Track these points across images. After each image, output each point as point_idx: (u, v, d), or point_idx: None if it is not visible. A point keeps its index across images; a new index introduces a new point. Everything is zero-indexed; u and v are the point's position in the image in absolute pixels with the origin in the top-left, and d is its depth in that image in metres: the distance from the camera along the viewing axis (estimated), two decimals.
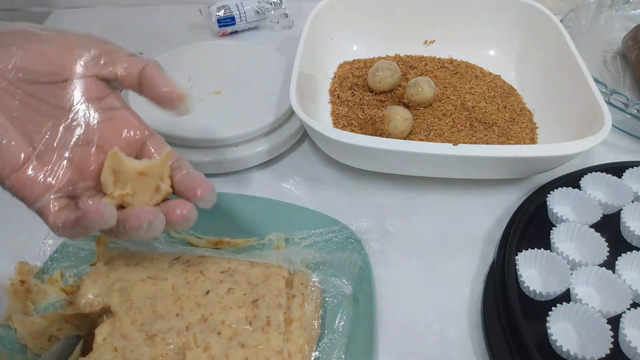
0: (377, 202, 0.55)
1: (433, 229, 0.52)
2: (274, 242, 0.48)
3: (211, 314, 0.41)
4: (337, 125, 0.61)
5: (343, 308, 0.43)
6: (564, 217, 0.47)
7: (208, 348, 0.39)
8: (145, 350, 0.39)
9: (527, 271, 0.44)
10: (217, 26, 0.80)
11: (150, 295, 0.42)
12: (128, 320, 0.41)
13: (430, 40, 0.73)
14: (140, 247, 0.48)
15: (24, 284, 0.44)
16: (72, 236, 0.34)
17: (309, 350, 0.40)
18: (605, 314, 0.40)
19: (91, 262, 0.47)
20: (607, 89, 0.60)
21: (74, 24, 0.87)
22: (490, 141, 0.58)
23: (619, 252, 0.44)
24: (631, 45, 0.70)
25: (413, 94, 0.60)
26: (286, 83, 0.59)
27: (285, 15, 0.82)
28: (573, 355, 0.37)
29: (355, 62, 0.71)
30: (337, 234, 0.48)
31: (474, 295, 0.47)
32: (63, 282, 0.46)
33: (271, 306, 0.41)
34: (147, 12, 0.89)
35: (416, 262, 0.49)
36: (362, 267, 0.45)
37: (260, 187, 0.57)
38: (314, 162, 0.60)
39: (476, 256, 0.50)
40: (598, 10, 0.78)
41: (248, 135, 0.57)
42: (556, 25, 0.64)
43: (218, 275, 0.43)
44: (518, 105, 0.64)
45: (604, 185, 0.51)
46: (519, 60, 0.69)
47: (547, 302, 0.42)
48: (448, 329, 0.44)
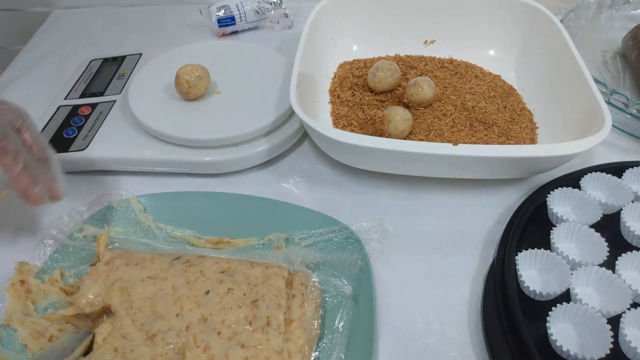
0: (377, 202, 0.55)
1: (433, 228, 0.52)
2: (273, 242, 0.48)
3: (211, 314, 0.41)
4: (337, 125, 0.61)
5: (343, 308, 0.43)
6: (564, 217, 0.47)
7: (208, 348, 0.39)
8: (145, 350, 0.39)
9: (527, 271, 0.44)
10: (217, 26, 0.80)
11: (150, 295, 0.42)
12: (128, 320, 0.41)
13: (430, 40, 0.73)
14: (140, 247, 0.48)
15: (23, 284, 0.44)
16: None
17: (308, 351, 0.40)
18: (605, 314, 0.40)
19: (91, 262, 0.47)
20: (607, 89, 0.59)
21: (74, 24, 0.87)
22: (490, 141, 0.58)
23: (619, 252, 0.44)
24: (631, 45, 0.70)
25: (413, 94, 0.60)
26: (286, 83, 0.59)
27: (285, 15, 0.82)
28: (573, 355, 0.37)
29: (355, 62, 0.71)
30: (337, 234, 0.48)
31: (474, 295, 0.47)
32: (63, 282, 0.46)
33: (271, 306, 0.41)
34: (147, 12, 0.89)
35: (416, 262, 0.49)
36: (362, 267, 0.45)
37: (260, 187, 0.57)
38: (314, 162, 0.60)
39: (476, 256, 0.50)
40: (598, 10, 0.78)
41: (248, 135, 0.57)
42: (556, 25, 0.64)
43: (218, 275, 0.43)
44: (518, 105, 0.64)
45: (604, 185, 0.51)
46: (519, 60, 0.69)
47: (547, 302, 0.42)
48: (448, 329, 0.44)
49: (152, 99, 0.61)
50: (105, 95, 0.65)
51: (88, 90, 0.66)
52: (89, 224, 0.50)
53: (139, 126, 0.59)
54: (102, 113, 0.62)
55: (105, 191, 0.53)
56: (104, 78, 0.68)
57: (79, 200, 0.53)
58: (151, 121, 0.57)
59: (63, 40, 0.83)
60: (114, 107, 0.62)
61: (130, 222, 0.51)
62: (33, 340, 0.41)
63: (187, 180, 0.58)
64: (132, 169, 0.58)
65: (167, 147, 0.57)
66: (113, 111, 0.62)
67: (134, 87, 0.62)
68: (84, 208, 0.52)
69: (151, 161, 0.57)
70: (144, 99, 0.60)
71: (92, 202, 0.52)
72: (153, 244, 0.48)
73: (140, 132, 0.59)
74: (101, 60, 0.72)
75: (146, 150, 0.57)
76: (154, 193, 0.53)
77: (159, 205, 0.52)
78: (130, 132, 0.59)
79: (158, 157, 0.57)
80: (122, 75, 0.68)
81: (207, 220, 0.51)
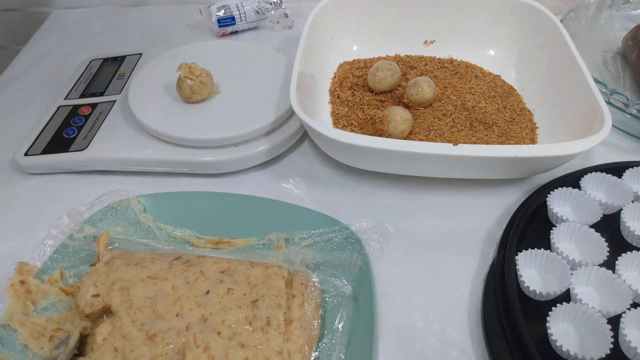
0: (377, 202, 0.55)
1: (433, 228, 0.52)
2: (273, 242, 0.48)
3: (211, 314, 0.41)
4: (337, 125, 0.61)
5: (343, 308, 0.43)
6: (564, 217, 0.47)
7: (208, 348, 0.39)
8: (145, 350, 0.39)
9: (527, 271, 0.44)
10: (217, 26, 0.80)
11: (150, 295, 0.42)
12: (128, 320, 0.41)
13: (430, 40, 0.73)
14: (140, 248, 0.48)
15: (23, 284, 0.44)
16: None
17: (308, 351, 0.40)
18: (605, 314, 0.40)
19: (91, 262, 0.47)
20: (607, 89, 0.59)
21: (74, 24, 0.87)
22: (490, 141, 0.58)
23: (619, 252, 0.44)
24: (631, 45, 0.70)
25: (413, 94, 0.60)
26: (286, 83, 0.59)
27: (285, 15, 0.82)
28: (573, 355, 0.37)
29: (355, 62, 0.71)
30: (337, 234, 0.48)
31: (474, 295, 0.47)
32: (63, 282, 0.46)
33: (271, 306, 0.41)
34: (147, 12, 0.89)
35: (416, 262, 0.49)
36: (362, 267, 0.45)
37: (260, 187, 0.57)
38: (314, 162, 0.60)
39: (476, 256, 0.50)
40: (598, 10, 0.78)
41: (248, 135, 0.57)
42: (556, 25, 0.64)
43: (218, 275, 0.43)
44: (518, 105, 0.64)
45: (604, 185, 0.51)
46: (519, 60, 0.69)
47: (547, 302, 0.42)
48: (448, 329, 0.44)
49: (152, 99, 0.61)
50: (105, 95, 0.65)
51: (88, 90, 0.66)
52: (88, 224, 0.50)
53: (139, 126, 0.59)
54: (102, 113, 0.62)
55: (105, 191, 0.53)
56: (104, 78, 0.68)
57: (79, 200, 0.53)
58: (151, 121, 0.57)
59: (63, 40, 0.83)
60: (114, 107, 0.62)
61: (130, 222, 0.51)
62: (34, 340, 0.41)
63: (187, 180, 0.58)
64: (132, 169, 0.58)
65: (167, 147, 0.57)
66: (113, 111, 0.62)
67: (134, 87, 0.62)
68: (84, 208, 0.52)
69: (151, 161, 0.57)
70: (144, 99, 0.60)
71: (92, 202, 0.52)
72: (153, 244, 0.48)
73: (140, 132, 0.58)
74: (101, 60, 0.72)
75: (146, 150, 0.57)
76: (153, 193, 0.53)
77: (159, 206, 0.52)
78: (130, 132, 0.59)
79: (158, 157, 0.56)
80: (122, 75, 0.68)
81: (207, 220, 0.51)
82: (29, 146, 0.58)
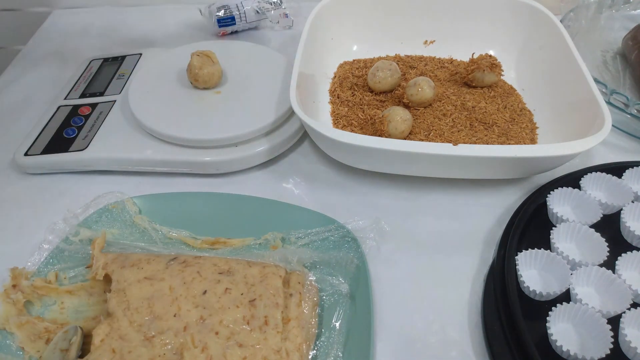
0: (377, 202, 0.55)
1: (433, 228, 0.52)
2: (270, 242, 0.48)
3: (209, 314, 0.41)
4: (337, 125, 0.61)
5: (340, 306, 0.43)
6: (564, 217, 0.47)
7: (206, 348, 0.39)
8: (143, 351, 0.39)
9: (527, 271, 0.44)
10: (217, 26, 0.80)
11: (147, 296, 0.42)
12: (126, 321, 0.40)
13: (430, 40, 0.73)
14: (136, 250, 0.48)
15: (15, 287, 0.44)
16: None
17: (306, 349, 0.40)
18: (605, 314, 0.40)
19: (86, 264, 0.47)
20: (607, 89, 0.59)
21: (74, 24, 0.87)
22: (490, 141, 0.58)
23: (619, 252, 0.44)
24: (631, 45, 0.70)
25: (413, 94, 0.60)
26: (286, 83, 0.59)
27: (285, 15, 0.82)
28: (573, 355, 0.37)
29: (355, 62, 0.71)
30: (333, 232, 0.48)
31: (474, 295, 0.46)
32: (57, 284, 0.45)
33: (268, 305, 0.41)
34: (147, 12, 0.89)
35: (417, 262, 0.49)
36: (359, 265, 0.45)
37: (260, 187, 0.57)
38: (314, 162, 0.60)
39: (476, 256, 0.50)
40: (598, 10, 0.78)
41: (248, 135, 0.56)
42: (556, 25, 0.64)
43: (215, 275, 0.43)
44: (518, 105, 0.63)
45: (604, 185, 0.51)
46: (519, 60, 0.69)
47: (547, 302, 0.42)
48: (448, 329, 0.44)
49: (152, 99, 0.61)
50: (105, 95, 0.65)
51: (88, 90, 0.66)
52: (84, 227, 0.49)
53: (139, 126, 0.59)
54: (102, 113, 0.62)
55: (99, 193, 0.53)
56: (104, 78, 0.68)
57: (79, 200, 0.53)
58: (151, 121, 0.57)
59: (63, 40, 0.83)
60: (114, 107, 0.62)
61: (125, 224, 0.50)
62: (30, 343, 0.41)
63: (187, 180, 0.58)
64: (132, 169, 0.57)
65: (167, 147, 0.57)
66: (113, 111, 0.62)
67: (134, 87, 0.62)
68: (79, 210, 0.51)
69: (151, 161, 0.57)
70: (144, 99, 0.60)
71: (87, 205, 0.52)
72: (149, 247, 0.48)
73: (140, 132, 0.58)
74: (101, 60, 0.72)
75: (146, 150, 0.57)
76: (148, 194, 0.53)
77: (154, 207, 0.52)
78: (130, 132, 0.59)
79: (158, 157, 0.56)
80: (122, 75, 0.68)
81: (202, 220, 0.50)
82: (29, 146, 0.58)
